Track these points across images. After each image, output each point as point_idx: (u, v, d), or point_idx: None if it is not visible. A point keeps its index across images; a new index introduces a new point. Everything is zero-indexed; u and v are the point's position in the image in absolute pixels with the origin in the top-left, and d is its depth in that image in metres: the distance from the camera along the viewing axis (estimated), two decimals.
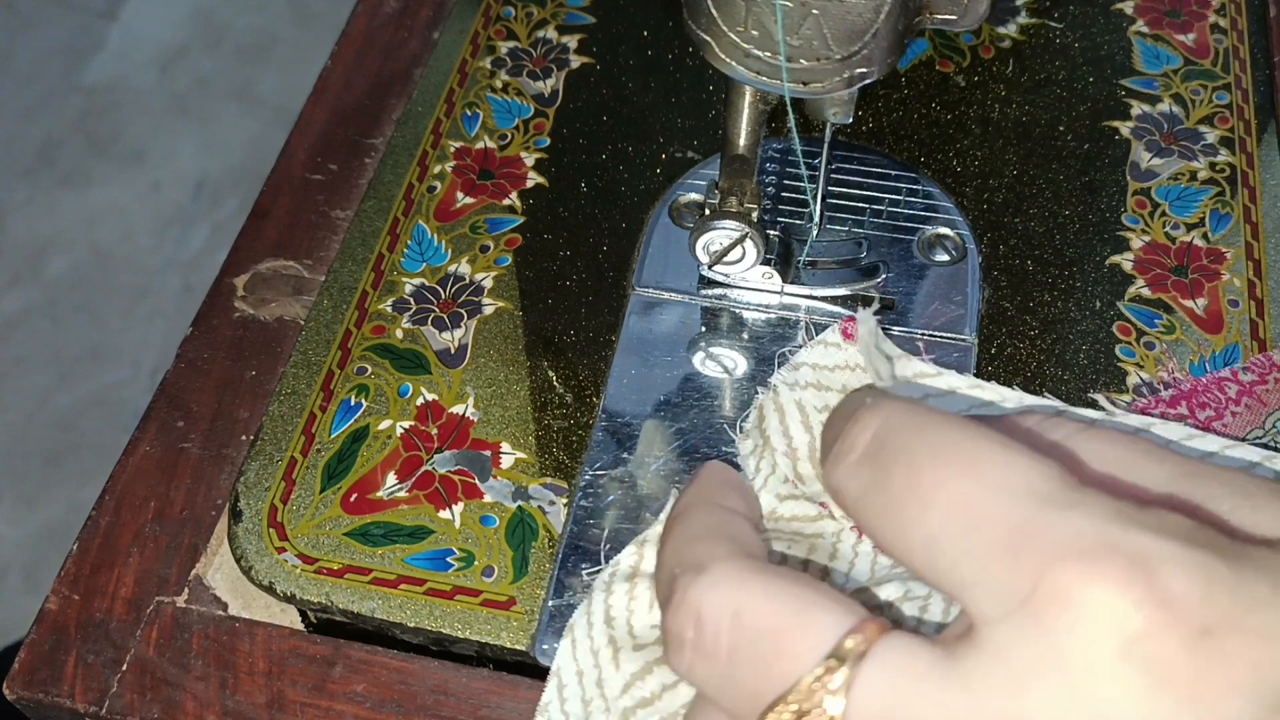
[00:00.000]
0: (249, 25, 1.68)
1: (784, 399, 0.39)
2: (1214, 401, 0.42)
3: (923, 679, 0.24)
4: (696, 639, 0.27)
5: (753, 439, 0.39)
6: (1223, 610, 0.23)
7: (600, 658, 0.35)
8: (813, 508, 0.37)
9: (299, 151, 0.56)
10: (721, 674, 0.27)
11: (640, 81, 0.57)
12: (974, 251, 0.51)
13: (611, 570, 0.36)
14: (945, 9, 0.41)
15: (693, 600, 0.27)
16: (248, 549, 0.43)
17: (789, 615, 0.26)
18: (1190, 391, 0.42)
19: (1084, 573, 0.23)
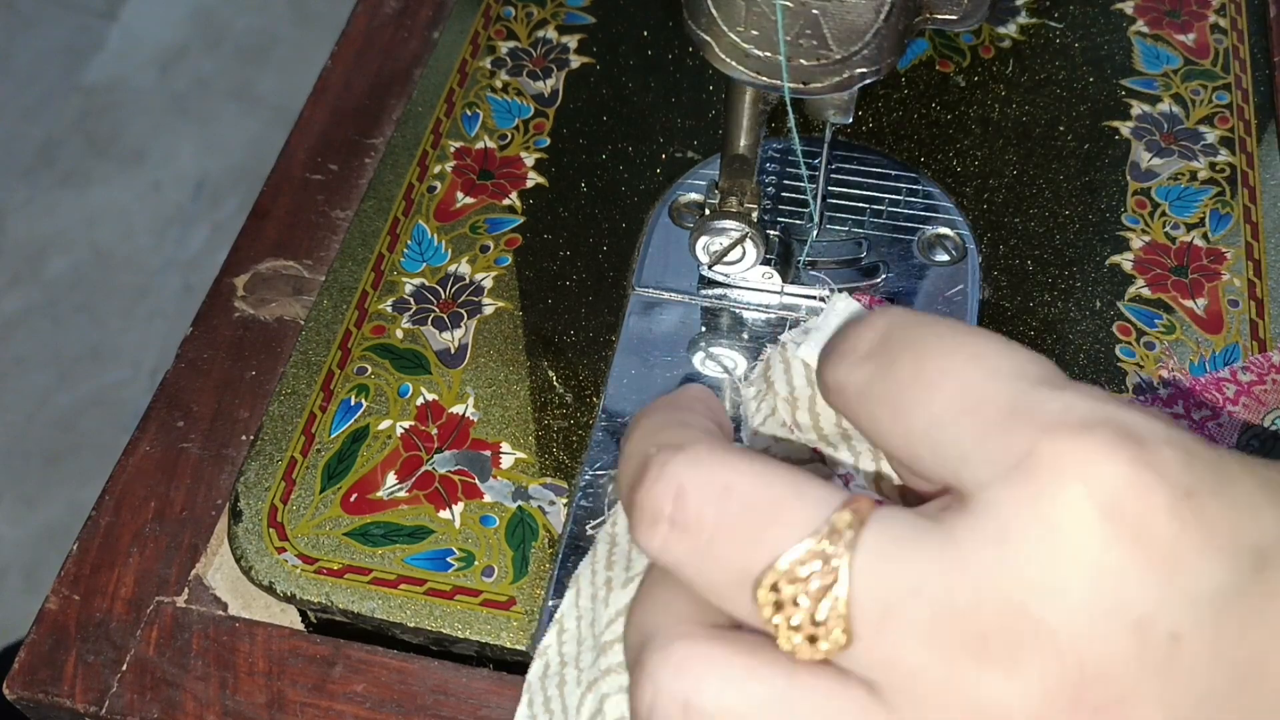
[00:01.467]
0: (249, 25, 1.68)
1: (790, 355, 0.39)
2: (1212, 401, 0.42)
3: (918, 542, 0.25)
4: (676, 514, 0.26)
5: (756, 385, 0.39)
6: (1203, 479, 0.23)
7: (597, 600, 0.35)
8: (806, 452, 0.37)
9: (299, 151, 0.56)
10: (702, 550, 0.26)
11: (640, 81, 0.57)
12: (974, 251, 0.51)
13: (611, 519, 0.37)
14: (945, 9, 0.41)
15: (674, 473, 0.27)
16: (248, 549, 0.43)
17: (782, 488, 0.26)
18: (1188, 391, 0.42)
19: (1074, 438, 0.24)
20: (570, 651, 0.36)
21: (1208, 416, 0.41)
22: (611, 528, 0.37)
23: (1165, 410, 0.41)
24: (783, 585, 0.25)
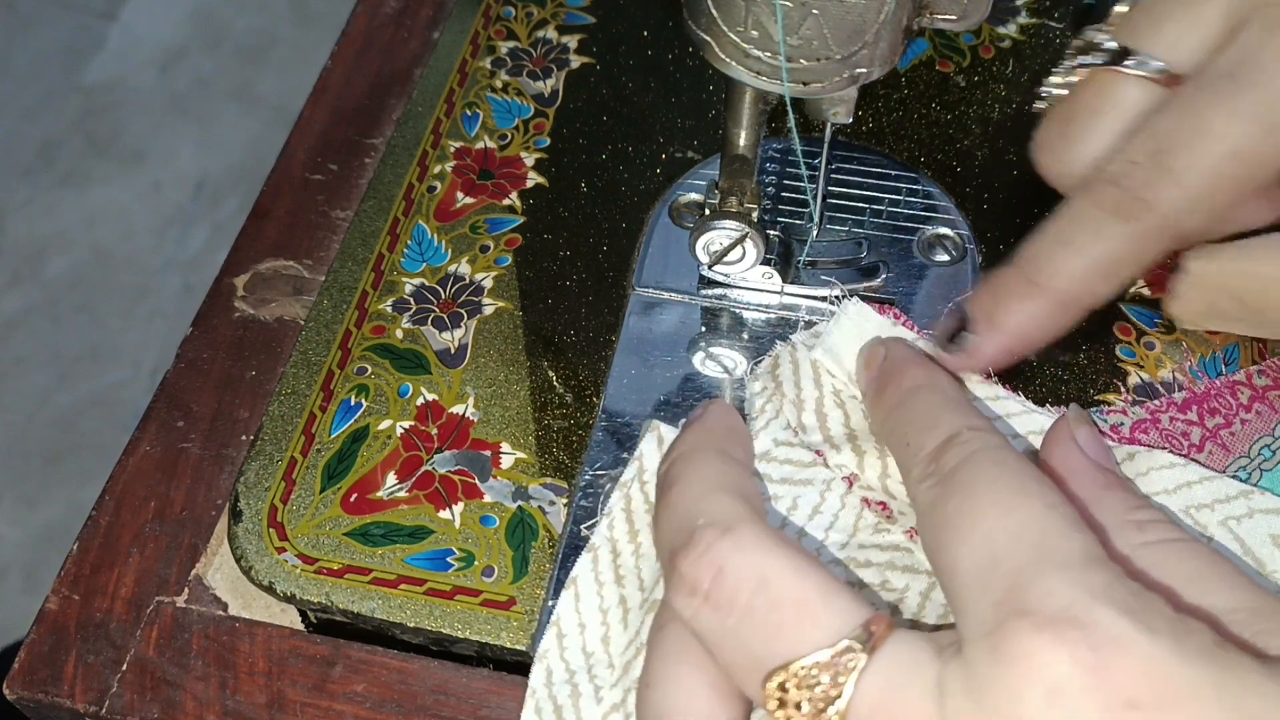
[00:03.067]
0: (249, 25, 1.68)
1: (800, 356, 0.39)
2: (1224, 407, 0.41)
3: (917, 676, 0.27)
4: (713, 591, 0.29)
5: (763, 381, 0.39)
6: (1157, 693, 0.25)
7: (610, 616, 0.35)
8: (808, 454, 0.37)
9: (299, 151, 0.56)
10: (729, 629, 0.28)
11: (640, 81, 0.57)
12: (974, 251, 0.51)
13: (609, 522, 0.37)
14: (945, 9, 0.41)
15: (718, 554, 0.29)
16: (248, 549, 0.43)
17: (813, 591, 0.28)
18: (1203, 395, 0.42)
19: (1037, 632, 0.26)
20: (577, 661, 0.36)
21: (1220, 425, 0.41)
22: (609, 531, 0.37)
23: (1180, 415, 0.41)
24: (790, 686, 0.27)
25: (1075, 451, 0.34)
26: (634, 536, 0.36)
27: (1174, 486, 0.37)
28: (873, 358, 0.38)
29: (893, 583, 0.34)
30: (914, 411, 0.34)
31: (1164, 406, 0.41)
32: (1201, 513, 0.37)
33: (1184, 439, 0.40)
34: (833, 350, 0.39)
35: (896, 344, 0.38)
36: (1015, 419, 0.38)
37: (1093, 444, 0.34)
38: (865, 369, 0.38)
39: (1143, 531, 0.31)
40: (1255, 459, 0.40)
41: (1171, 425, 0.41)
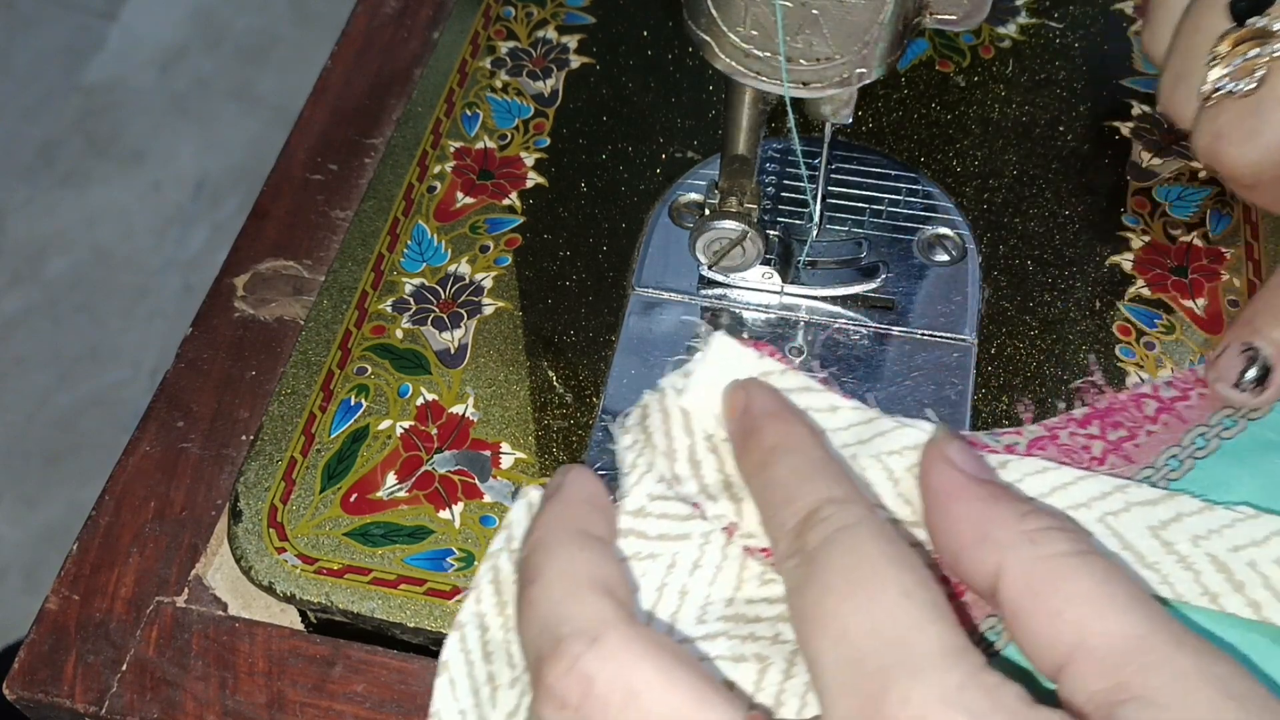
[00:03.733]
0: (249, 25, 1.68)
1: (669, 403, 0.38)
2: (1129, 420, 0.41)
3: None
4: (582, 706, 0.28)
5: (633, 434, 0.39)
6: None
7: (480, 696, 0.35)
8: (684, 507, 0.37)
9: (299, 151, 0.56)
10: None
11: (640, 81, 0.57)
12: (974, 251, 0.51)
13: (476, 596, 0.36)
14: (945, 9, 0.41)
15: (586, 667, 0.28)
16: (248, 549, 0.43)
17: (685, 702, 0.28)
18: (1106, 410, 0.41)
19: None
20: None
21: (1124, 438, 0.40)
22: (476, 605, 0.36)
23: (1080, 430, 0.40)
24: None
25: (951, 469, 0.33)
26: (502, 609, 0.35)
27: (1049, 490, 0.37)
28: (734, 404, 0.37)
29: (785, 635, 0.34)
30: (775, 479, 0.34)
31: (1063, 423, 0.41)
32: (1079, 511, 0.37)
33: (1084, 452, 0.40)
34: (699, 393, 0.38)
35: (758, 390, 0.37)
36: (863, 426, 0.38)
37: (967, 457, 0.34)
38: (727, 417, 0.37)
39: (1034, 544, 0.30)
40: (1161, 469, 0.40)
41: (1071, 440, 0.40)
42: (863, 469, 0.37)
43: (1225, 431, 0.41)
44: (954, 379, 0.47)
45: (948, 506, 0.33)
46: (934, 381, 0.46)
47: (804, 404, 0.38)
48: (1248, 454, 0.40)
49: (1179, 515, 0.36)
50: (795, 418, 0.36)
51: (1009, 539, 0.31)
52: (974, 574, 0.31)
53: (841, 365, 0.47)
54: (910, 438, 0.36)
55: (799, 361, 0.47)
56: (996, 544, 0.31)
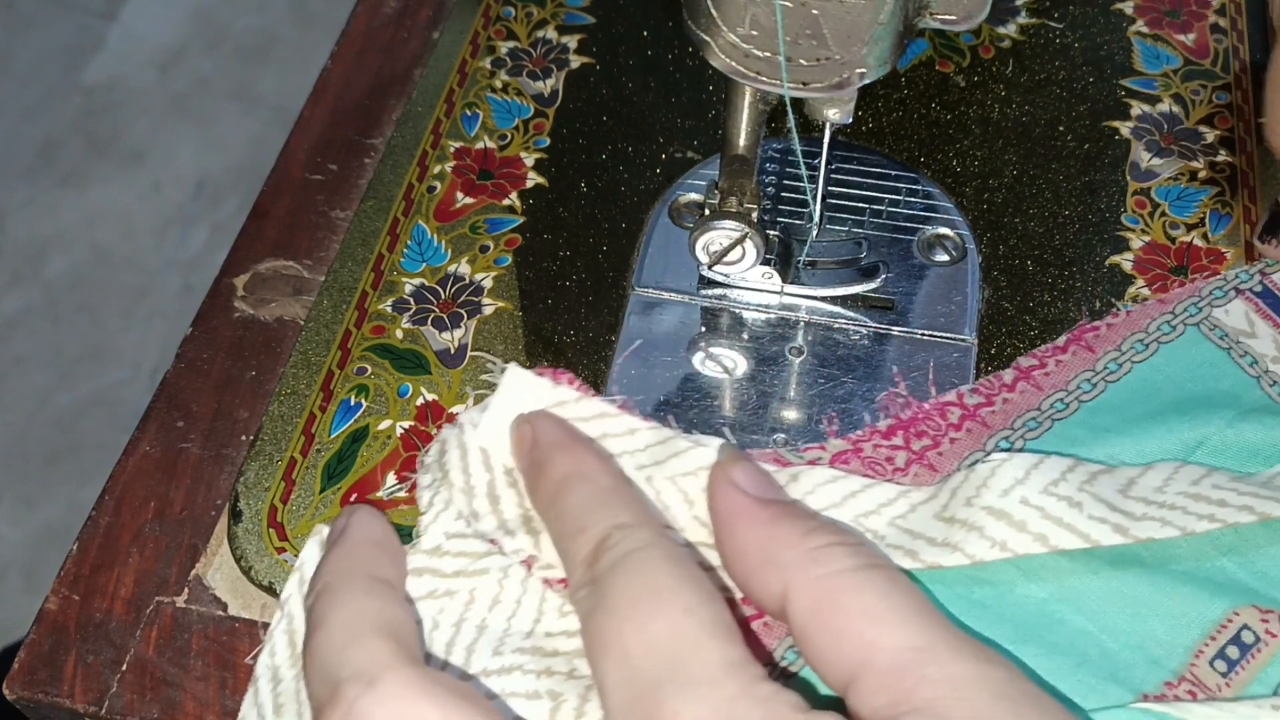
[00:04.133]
0: (249, 25, 1.68)
1: (467, 439, 0.38)
2: (933, 429, 0.41)
3: None
4: None
5: (431, 473, 0.39)
6: None
7: None
8: (482, 544, 0.37)
9: (299, 151, 0.56)
10: None
11: (640, 81, 0.57)
12: (974, 251, 0.51)
13: (270, 648, 0.36)
14: (945, 9, 0.41)
15: (362, 712, 0.29)
16: (248, 549, 0.43)
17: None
18: (909, 421, 0.41)
19: None
20: None
21: (928, 447, 0.41)
22: (270, 658, 0.36)
23: (884, 442, 0.41)
24: None
25: (735, 493, 0.34)
26: (296, 661, 0.35)
27: (840, 499, 0.38)
28: (521, 440, 0.37)
29: (580, 670, 0.34)
30: (566, 510, 0.34)
31: (867, 435, 0.41)
32: (869, 518, 0.37)
33: (888, 464, 0.40)
34: (496, 427, 0.38)
35: (544, 422, 0.37)
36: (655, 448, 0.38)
37: (751, 477, 0.34)
38: (516, 452, 0.37)
39: (817, 563, 0.31)
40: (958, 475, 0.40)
41: (875, 453, 0.40)
42: (658, 492, 0.37)
43: (1030, 433, 0.41)
44: (954, 379, 0.47)
45: (733, 530, 0.33)
46: (934, 382, 0.46)
47: (601, 430, 0.38)
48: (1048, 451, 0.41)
49: (953, 491, 0.37)
50: (582, 447, 0.36)
51: (792, 560, 0.31)
52: (763, 596, 0.32)
53: (841, 365, 0.47)
54: (704, 458, 0.36)
55: (801, 360, 0.47)
56: (781, 566, 0.31)
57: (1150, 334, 0.44)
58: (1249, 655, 0.36)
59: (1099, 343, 0.44)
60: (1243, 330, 0.45)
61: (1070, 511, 0.36)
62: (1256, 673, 0.35)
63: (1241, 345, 0.44)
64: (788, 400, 0.46)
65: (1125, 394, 0.43)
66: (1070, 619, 0.36)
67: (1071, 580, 0.37)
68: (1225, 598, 0.37)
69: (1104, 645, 0.36)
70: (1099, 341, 0.44)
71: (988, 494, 0.37)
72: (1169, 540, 0.37)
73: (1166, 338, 0.44)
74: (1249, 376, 0.43)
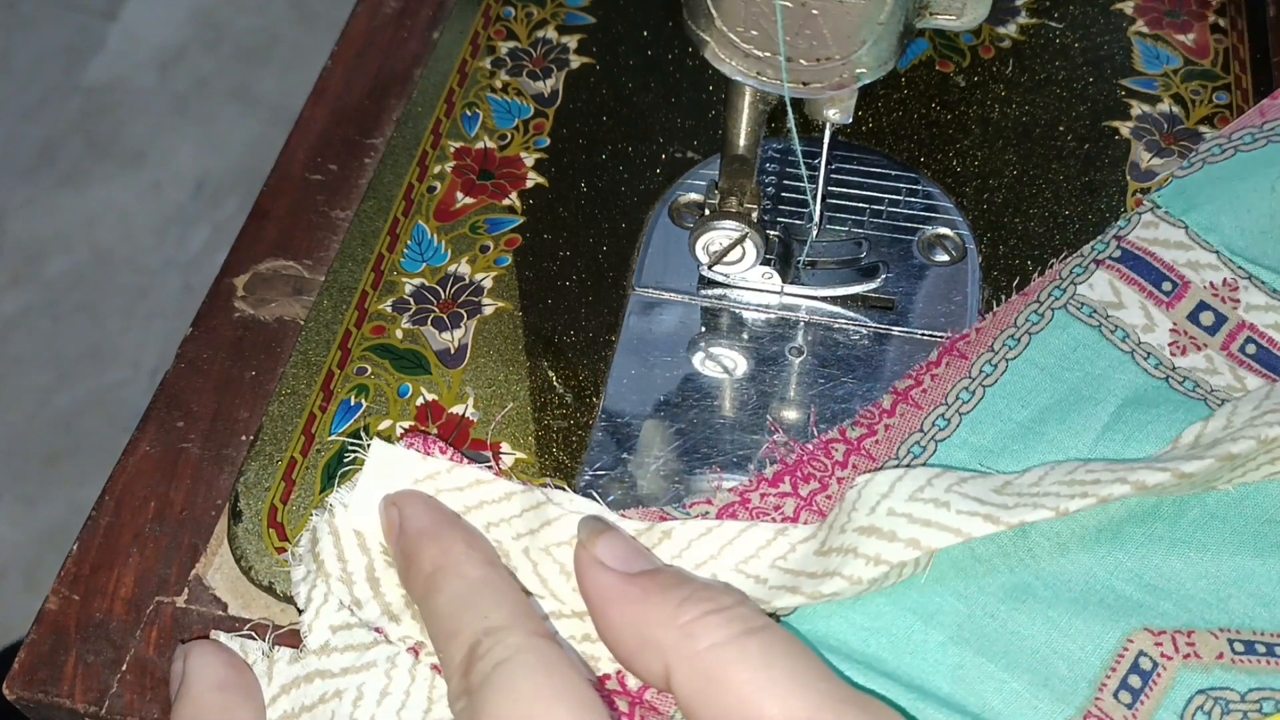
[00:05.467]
0: (249, 25, 1.68)
1: (340, 522, 0.38)
2: (819, 470, 0.40)
3: None
4: None
5: (305, 565, 0.38)
6: None
7: None
8: (368, 634, 0.37)
9: (299, 151, 0.56)
10: None
11: (640, 81, 0.57)
12: (974, 251, 0.51)
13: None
14: (945, 9, 0.41)
15: None
16: (248, 549, 0.43)
17: None
18: (795, 464, 0.41)
19: None
20: None
21: (815, 490, 0.40)
22: None
23: (771, 490, 0.40)
24: None
25: (601, 572, 0.33)
26: None
27: (717, 549, 0.38)
28: (390, 525, 0.36)
29: None
30: (438, 610, 0.33)
31: (754, 485, 0.40)
32: (750, 564, 0.37)
33: (777, 512, 0.40)
34: (366, 507, 0.38)
35: (410, 505, 0.36)
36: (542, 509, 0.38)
37: (616, 551, 0.34)
38: (386, 537, 0.37)
39: (692, 638, 0.31)
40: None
41: (763, 502, 0.40)
42: (535, 564, 0.37)
43: (915, 460, 0.41)
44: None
45: (606, 614, 0.33)
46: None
47: (478, 498, 0.37)
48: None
49: (830, 527, 0.37)
50: (450, 533, 0.35)
51: (668, 639, 0.31)
52: (648, 677, 0.32)
53: (841, 365, 0.47)
54: (575, 526, 0.36)
55: (802, 361, 0.47)
56: (658, 647, 0.31)
57: (1020, 327, 0.44)
58: (1150, 683, 0.35)
59: (971, 348, 0.44)
60: (1110, 302, 0.44)
61: (938, 511, 0.36)
62: (1160, 700, 0.35)
63: (1111, 319, 0.43)
64: (788, 400, 0.46)
65: (1003, 399, 0.42)
66: (971, 662, 0.36)
67: (969, 623, 0.37)
68: (1119, 623, 0.36)
69: (1008, 687, 0.35)
70: (971, 347, 0.44)
71: (857, 515, 0.36)
72: (1060, 564, 0.37)
73: (1036, 327, 0.44)
74: (1122, 353, 0.43)
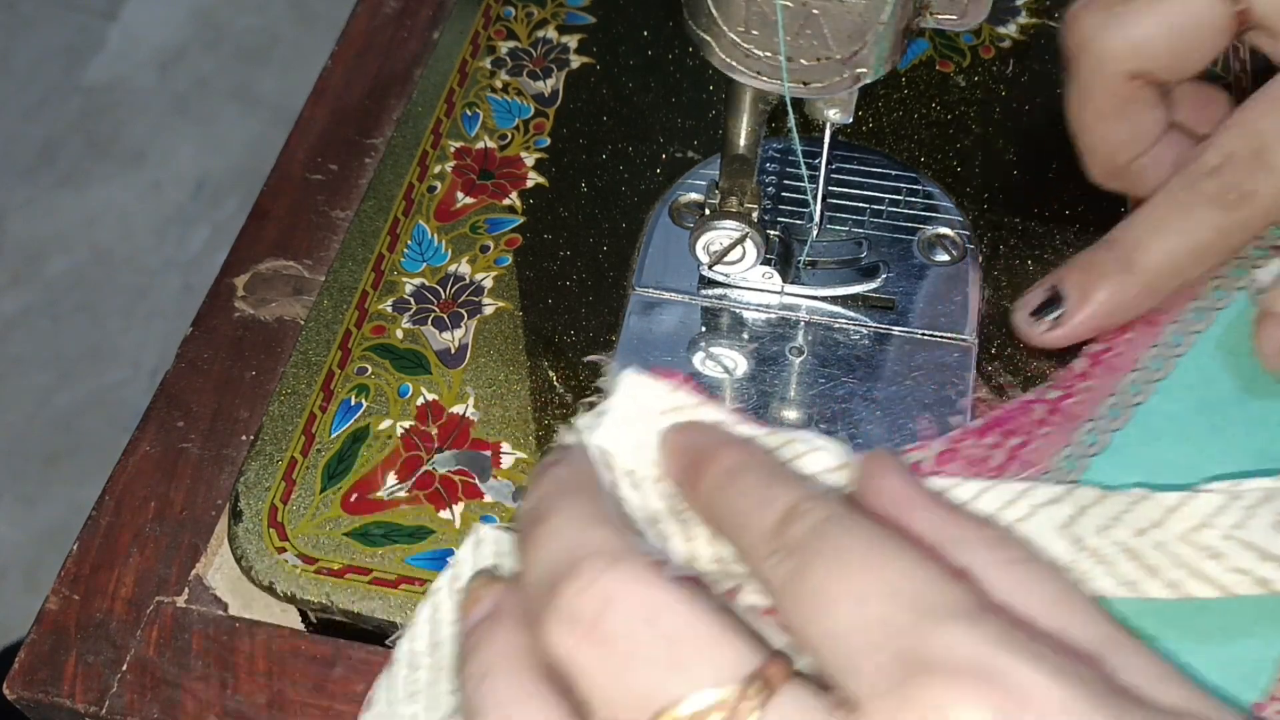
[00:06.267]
0: (249, 25, 1.68)
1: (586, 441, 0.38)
2: (1022, 427, 0.41)
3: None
4: (598, 623, 0.27)
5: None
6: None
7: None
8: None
9: (299, 151, 0.56)
10: (612, 667, 0.27)
11: (640, 81, 0.57)
12: (974, 251, 0.51)
13: (411, 634, 0.35)
14: (945, 9, 0.41)
15: (607, 585, 0.27)
16: (248, 549, 0.43)
17: (708, 629, 0.27)
18: (999, 419, 0.42)
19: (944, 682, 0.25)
20: None
21: (1020, 444, 0.41)
22: (410, 644, 0.35)
23: (980, 441, 0.41)
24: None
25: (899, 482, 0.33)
26: (434, 650, 0.35)
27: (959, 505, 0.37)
28: (675, 445, 0.35)
29: None
30: (742, 490, 0.32)
31: (963, 435, 0.41)
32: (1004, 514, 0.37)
33: (985, 463, 0.40)
34: (614, 431, 0.37)
35: (699, 427, 0.36)
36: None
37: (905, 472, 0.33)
38: (672, 460, 0.36)
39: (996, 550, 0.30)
40: (1055, 471, 0.40)
41: (974, 451, 0.40)
42: None
43: (1113, 423, 0.41)
44: (954, 379, 0.47)
45: (910, 517, 0.32)
46: (934, 381, 0.46)
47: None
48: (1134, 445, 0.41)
49: (1081, 509, 0.37)
50: (744, 441, 0.35)
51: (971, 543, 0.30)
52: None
53: (842, 365, 0.47)
54: (822, 461, 0.36)
55: (799, 360, 0.47)
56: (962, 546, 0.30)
57: (1206, 302, 0.45)
58: None
59: (1159, 315, 0.45)
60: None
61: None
62: None
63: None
64: (788, 400, 0.46)
65: (1192, 374, 0.43)
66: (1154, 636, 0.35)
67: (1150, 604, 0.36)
68: None
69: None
70: (1158, 314, 0.45)
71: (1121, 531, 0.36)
72: None
73: (1220, 303, 0.45)
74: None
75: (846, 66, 0.39)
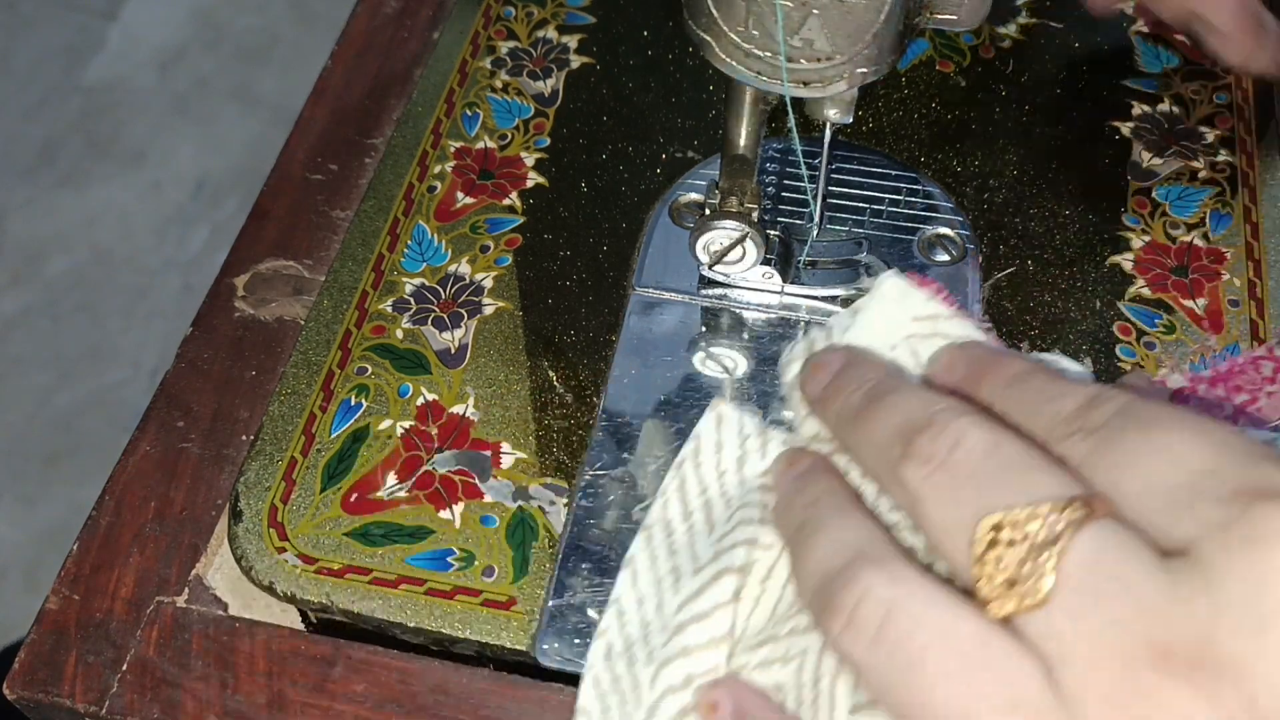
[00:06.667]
0: (249, 25, 1.68)
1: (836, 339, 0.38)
2: (1249, 384, 0.41)
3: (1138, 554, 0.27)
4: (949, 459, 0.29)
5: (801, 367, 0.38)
6: None
7: (663, 586, 0.36)
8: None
9: (299, 151, 0.56)
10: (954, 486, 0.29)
11: (640, 81, 0.57)
12: (974, 251, 0.51)
13: (663, 502, 0.37)
14: (945, 9, 0.41)
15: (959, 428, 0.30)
16: (248, 549, 0.43)
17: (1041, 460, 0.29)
18: (1227, 373, 0.42)
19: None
20: (634, 633, 0.36)
21: (1247, 402, 0.41)
22: (663, 511, 0.37)
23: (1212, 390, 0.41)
24: (1007, 526, 0.28)
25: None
26: (687, 516, 0.36)
27: None
28: (954, 361, 0.37)
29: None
30: (1036, 385, 0.33)
31: (1198, 381, 0.41)
32: None
33: (1218, 410, 0.40)
34: (866, 331, 0.38)
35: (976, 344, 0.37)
36: None
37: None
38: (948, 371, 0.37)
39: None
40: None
41: (1208, 394, 0.41)
42: None
43: None
44: None
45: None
46: None
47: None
48: None
49: None
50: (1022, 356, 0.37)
51: None
52: None
53: None
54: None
55: None
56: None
57: None
58: None
59: None
60: None
61: None
62: None
63: None
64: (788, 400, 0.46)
65: None
66: None
67: None
68: None
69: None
70: None
71: None
72: None
73: None
74: None
75: (846, 66, 0.39)
